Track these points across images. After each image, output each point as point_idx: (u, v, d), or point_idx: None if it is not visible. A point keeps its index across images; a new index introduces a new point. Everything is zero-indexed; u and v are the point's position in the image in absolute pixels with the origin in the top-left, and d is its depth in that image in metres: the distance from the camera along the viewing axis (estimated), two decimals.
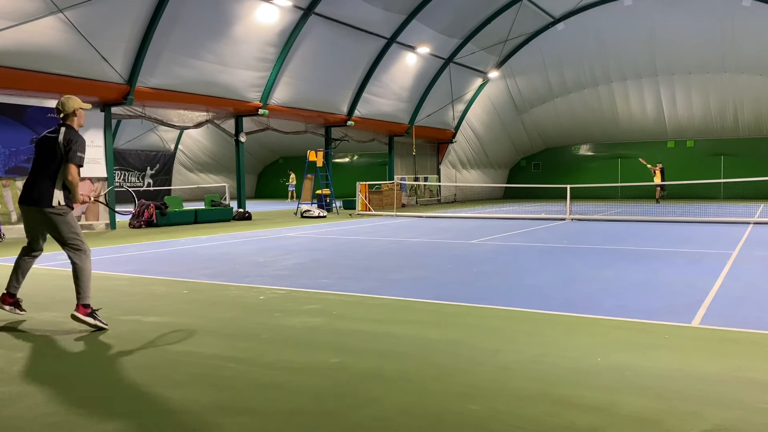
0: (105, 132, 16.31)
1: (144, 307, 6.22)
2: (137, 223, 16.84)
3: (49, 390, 3.84)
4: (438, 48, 25.19)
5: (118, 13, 14.97)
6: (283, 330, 5.22)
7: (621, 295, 6.56)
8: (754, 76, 26.61)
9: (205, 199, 20.43)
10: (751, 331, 5.02)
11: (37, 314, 5.90)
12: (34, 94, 14.64)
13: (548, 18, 27.15)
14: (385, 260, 9.59)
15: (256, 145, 35.39)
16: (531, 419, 3.28)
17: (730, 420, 3.23)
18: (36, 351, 4.76)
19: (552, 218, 17.72)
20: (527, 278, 7.76)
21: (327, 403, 3.56)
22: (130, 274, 8.40)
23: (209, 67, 17.90)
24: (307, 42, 20.09)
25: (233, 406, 3.51)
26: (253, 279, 7.88)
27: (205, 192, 31.15)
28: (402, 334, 5.10)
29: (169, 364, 4.32)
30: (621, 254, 9.92)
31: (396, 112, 26.26)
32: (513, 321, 5.54)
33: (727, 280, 7.29)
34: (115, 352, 4.68)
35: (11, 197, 14.41)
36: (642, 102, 30.18)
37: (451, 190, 31.96)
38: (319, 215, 20.09)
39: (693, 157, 31.29)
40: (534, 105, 31.97)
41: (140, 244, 12.39)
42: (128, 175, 33.36)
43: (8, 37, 13.30)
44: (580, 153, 34.95)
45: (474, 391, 3.72)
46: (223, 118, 20.53)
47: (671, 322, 5.32)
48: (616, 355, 4.38)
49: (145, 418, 3.37)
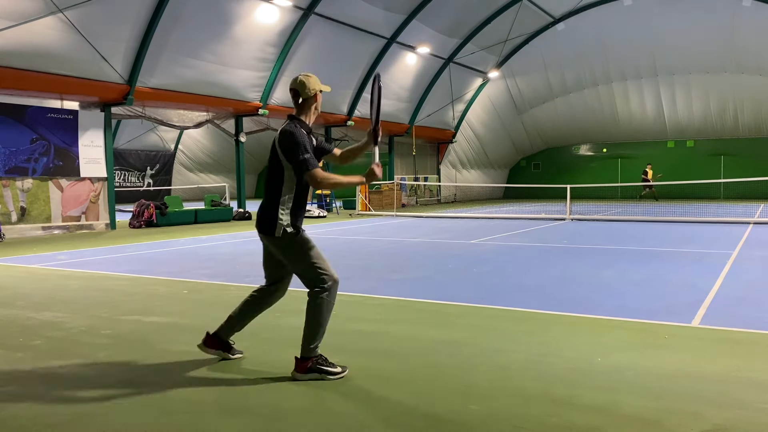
0: (105, 132, 16.30)
1: (144, 307, 6.22)
2: (137, 223, 16.83)
3: (49, 390, 3.84)
4: (438, 48, 25.19)
5: (118, 13, 14.96)
6: (283, 330, 5.22)
7: (621, 295, 6.56)
8: (754, 76, 26.60)
9: (205, 199, 20.43)
10: (751, 331, 5.02)
11: (37, 314, 5.90)
12: (34, 94, 14.64)
13: (548, 18, 27.14)
14: (385, 260, 9.59)
15: (256, 145, 35.35)
16: (531, 419, 3.28)
17: (730, 420, 3.23)
18: (36, 351, 4.76)
19: (552, 218, 17.71)
20: (527, 278, 7.76)
21: (327, 403, 3.56)
22: (130, 274, 8.40)
23: (209, 67, 17.90)
24: (307, 42, 20.09)
25: (233, 406, 3.51)
26: (253, 279, 7.87)
27: (205, 192, 31.14)
28: (402, 334, 5.09)
29: (169, 364, 4.32)
30: (621, 254, 9.92)
31: (396, 112, 26.26)
32: (513, 321, 5.54)
33: (727, 280, 7.29)
34: (115, 352, 4.68)
35: (11, 197, 14.41)
36: (642, 102, 30.17)
37: (451, 190, 31.96)
38: (319, 215, 20.09)
39: (693, 157, 31.29)
40: (534, 105, 31.96)
41: (140, 244, 12.39)
42: (128, 175, 33.37)
43: (8, 37, 13.29)
44: (580, 153, 34.95)
45: (474, 391, 3.71)
46: (223, 118, 20.53)
47: (671, 322, 5.32)
48: (616, 355, 4.38)
49: (145, 418, 3.37)
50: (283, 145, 4.00)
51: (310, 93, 4.13)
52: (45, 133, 14.85)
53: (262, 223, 4.12)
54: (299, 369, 3.97)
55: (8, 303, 6.50)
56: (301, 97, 4.14)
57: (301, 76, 4.16)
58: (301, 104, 4.16)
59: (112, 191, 16.59)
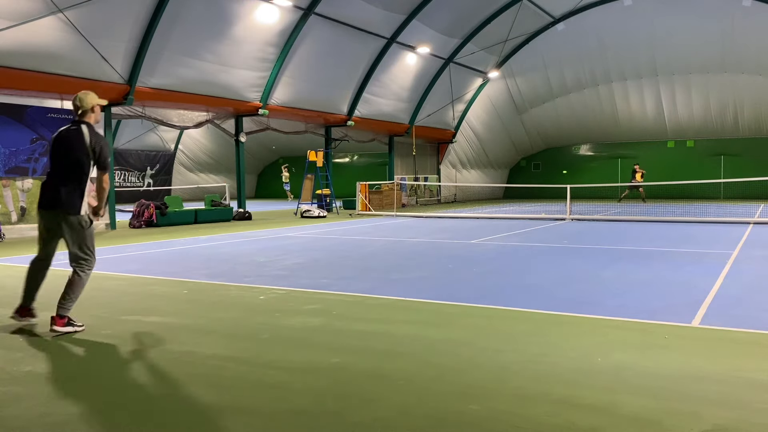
0: (105, 132, 16.28)
1: (144, 307, 6.22)
2: (137, 223, 16.83)
3: (49, 390, 3.84)
4: (438, 48, 25.19)
5: (118, 13, 14.96)
6: (283, 330, 5.22)
7: (621, 295, 6.56)
8: (754, 76, 26.60)
9: (205, 199, 20.43)
10: (751, 331, 5.02)
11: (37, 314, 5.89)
12: (34, 94, 14.63)
13: (548, 18, 27.14)
14: (385, 260, 9.59)
15: (256, 145, 35.36)
16: (531, 419, 3.28)
17: (729, 420, 3.23)
18: (36, 351, 4.76)
19: (552, 218, 17.72)
20: (527, 278, 7.77)
21: (327, 403, 3.56)
22: (130, 274, 8.40)
23: (209, 67, 17.90)
24: (307, 42, 20.09)
25: (233, 406, 3.51)
26: (253, 279, 7.88)
27: (205, 192, 31.13)
28: (402, 334, 5.10)
29: (169, 364, 4.32)
30: (621, 254, 9.92)
31: (396, 112, 26.26)
32: (513, 321, 5.54)
33: (727, 280, 7.29)
34: (115, 352, 4.68)
35: (11, 197, 14.40)
36: (642, 102, 30.18)
37: (451, 190, 31.96)
38: (319, 215, 20.09)
39: (693, 157, 31.28)
40: (534, 105, 31.97)
41: (140, 244, 12.39)
42: (128, 175, 33.36)
43: (8, 37, 13.29)
44: (580, 153, 34.96)
45: (474, 391, 3.72)
46: (223, 118, 20.53)
47: (671, 322, 5.32)
48: (616, 355, 4.38)
49: (145, 418, 3.37)
50: (99, 143, 5.10)
51: (87, 107, 5.20)
52: (45, 133, 14.85)
53: (63, 202, 4.99)
54: (59, 324, 5.04)
55: (8, 303, 6.49)
56: (80, 109, 5.17)
57: (80, 93, 5.25)
58: (81, 115, 5.17)
59: (112, 191, 16.59)
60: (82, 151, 5.08)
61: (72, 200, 5.07)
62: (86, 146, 5.09)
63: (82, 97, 5.23)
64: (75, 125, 5.19)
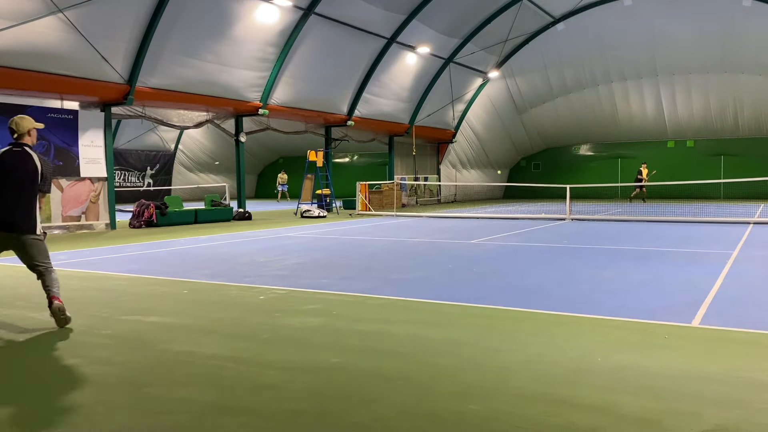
0: (105, 132, 16.30)
1: (144, 307, 6.22)
2: (137, 223, 16.83)
3: (49, 390, 3.84)
4: (438, 48, 25.18)
5: (118, 13, 14.96)
6: (283, 330, 5.22)
7: (621, 295, 6.56)
8: (754, 76, 26.60)
9: (205, 199, 20.43)
10: (751, 331, 5.01)
11: (37, 314, 5.89)
12: (34, 94, 14.63)
13: (548, 18, 27.14)
14: (385, 260, 9.59)
15: (256, 145, 35.37)
16: (531, 419, 3.28)
17: (730, 420, 3.23)
18: (36, 351, 4.76)
19: (552, 218, 17.71)
20: (527, 278, 7.76)
21: (327, 403, 3.56)
22: (130, 274, 8.40)
23: (209, 67, 17.90)
24: (307, 42, 20.09)
25: (233, 406, 3.51)
26: (253, 279, 7.88)
27: (205, 192, 31.13)
28: (402, 334, 5.09)
29: (169, 364, 4.32)
30: (621, 254, 9.92)
31: (396, 112, 26.26)
32: (513, 321, 5.54)
33: (727, 280, 7.29)
34: (116, 352, 4.68)
35: None
36: (642, 102, 30.17)
37: (451, 190, 31.96)
38: (319, 215, 20.09)
39: (693, 157, 31.28)
40: (534, 105, 31.97)
41: (140, 244, 12.39)
42: (128, 175, 33.37)
43: (8, 37, 13.29)
44: (580, 153, 34.95)
45: (474, 391, 3.72)
46: (223, 118, 20.53)
47: (671, 322, 5.32)
48: (616, 355, 4.38)
49: (145, 418, 3.37)
50: (48, 167, 5.38)
51: (23, 130, 5.30)
52: (45, 133, 14.83)
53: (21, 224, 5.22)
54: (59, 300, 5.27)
55: (8, 303, 6.50)
56: (17, 133, 5.29)
57: (16, 118, 5.35)
58: (18, 138, 5.30)
59: (112, 191, 16.59)
60: (35, 173, 5.28)
61: (29, 222, 5.29)
62: (37, 169, 5.30)
63: (18, 122, 5.35)
64: (18, 147, 5.34)
